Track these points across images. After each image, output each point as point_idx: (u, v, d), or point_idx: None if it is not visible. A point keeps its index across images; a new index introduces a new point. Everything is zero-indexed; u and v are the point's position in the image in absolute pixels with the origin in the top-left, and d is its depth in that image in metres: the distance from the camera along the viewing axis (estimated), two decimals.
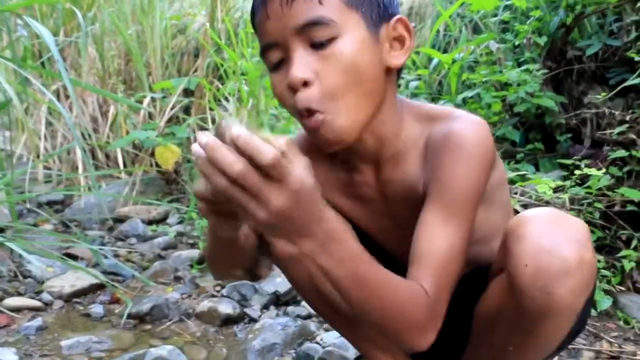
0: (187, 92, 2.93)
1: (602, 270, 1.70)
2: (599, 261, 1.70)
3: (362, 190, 0.90)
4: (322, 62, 0.75)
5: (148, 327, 1.55)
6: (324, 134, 0.77)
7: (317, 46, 0.75)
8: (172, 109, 2.81)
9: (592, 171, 1.74)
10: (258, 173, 0.57)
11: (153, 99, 2.83)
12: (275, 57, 0.78)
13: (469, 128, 0.79)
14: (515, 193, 1.87)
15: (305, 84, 0.75)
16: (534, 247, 0.71)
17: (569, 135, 2.15)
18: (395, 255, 0.94)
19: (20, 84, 1.84)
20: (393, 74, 0.84)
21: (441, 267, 0.75)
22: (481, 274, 0.86)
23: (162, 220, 2.52)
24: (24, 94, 1.75)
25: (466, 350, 0.92)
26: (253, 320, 1.54)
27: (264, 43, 0.79)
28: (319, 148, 0.81)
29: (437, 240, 0.76)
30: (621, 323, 1.60)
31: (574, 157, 1.91)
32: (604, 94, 2.02)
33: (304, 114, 0.76)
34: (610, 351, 1.46)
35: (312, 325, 1.49)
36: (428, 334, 0.73)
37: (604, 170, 1.79)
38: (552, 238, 0.70)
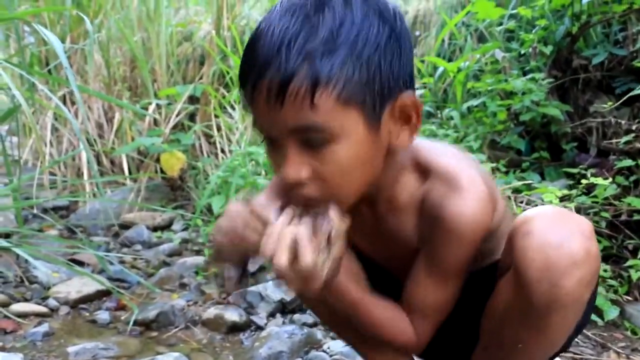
0: (193, 100, 2.94)
1: (609, 280, 1.69)
2: (605, 271, 1.70)
3: (361, 223, 0.89)
4: (317, 161, 0.72)
5: (154, 334, 1.55)
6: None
7: (313, 145, 0.71)
8: (177, 115, 2.82)
9: (599, 180, 1.73)
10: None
11: (158, 106, 2.84)
12: (267, 135, 0.75)
13: (469, 211, 0.79)
14: (521, 202, 1.87)
15: (303, 184, 0.73)
16: (540, 242, 0.72)
17: (575, 144, 2.15)
18: (388, 269, 0.98)
19: (28, 90, 1.85)
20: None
21: (431, 317, 0.86)
22: (487, 275, 0.87)
23: (167, 226, 2.52)
24: (32, 99, 1.75)
25: (475, 351, 0.92)
26: (259, 328, 1.54)
27: (254, 124, 0.75)
28: None
29: (430, 298, 0.85)
30: (628, 333, 1.59)
31: (580, 166, 1.91)
32: (610, 103, 2.03)
33: (301, 205, 0.76)
34: None
35: (319, 333, 1.49)
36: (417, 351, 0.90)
37: (610, 179, 1.79)
38: (558, 233, 0.72)
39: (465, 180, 0.80)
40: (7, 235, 1.98)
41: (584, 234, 0.72)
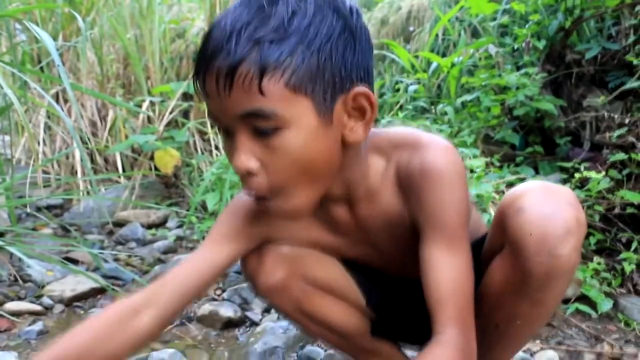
0: (187, 97, 2.93)
1: (603, 273, 1.70)
2: (599, 264, 1.71)
3: (340, 225, 0.90)
4: (267, 151, 0.71)
5: None
6: (274, 213, 0.78)
7: (262, 133, 0.70)
8: (171, 113, 2.81)
9: (592, 174, 1.74)
10: None
11: (152, 103, 2.83)
12: (221, 126, 0.75)
13: (441, 156, 0.79)
14: None
15: (250, 173, 0.73)
16: (535, 215, 0.76)
17: (569, 138, 2.15)
18: (377, 267, 0.97)
19: (20, 89, 1.84)
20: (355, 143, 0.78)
21: (460, 298, 0.77)
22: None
23: (161, 224, 2.51)
24: (24, 98, 1.74)
25: None
26: (254, 324, 1.54)
27: (208, 112, 0.75)
28: None
29: (449, 274, 0.77)
30: (622, 325, 1.60)
31: (574, 160, 1.92)
32: (603, 97, 2.03)
33: (252, 196, 0.75)
34: (612, 353, 1.46)
35: None
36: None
37: (603, 173, 1.80)
38: (550, 205, 0.76)
39: (424, 138, 0.81)
40: (0, 234, 1.97)
41: (572, 203, 0.77)
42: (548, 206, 0.76)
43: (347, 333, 1.01)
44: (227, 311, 1.55)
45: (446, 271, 0.77)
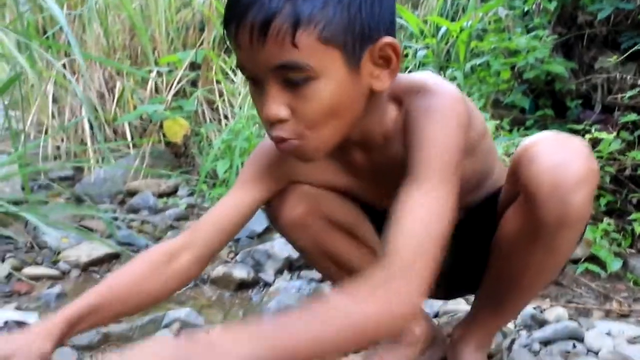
0: (193, 66, 2.92)
1: (613, 234, 1.71)
2: (609, 224, 1.72)
3: (358, 170, 0.93)
4: (297, 100, 0.73)
5: None
6: (297, 155, 0.79)
7: (293, 84, 0.72)
8: (178, 82, 2.81)
9: (603, 135, 1.74)
10: None
11: (159, 74, 2.83)
12: (250, 75, 0.76)
13: (443, 99, 0.80)
14: None
15: (280, 120, 0.75)
16: (548, 163, 0.77)
17: (579, 101, 2.14)
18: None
19: (29, 58, 1.84)
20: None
21: (413, 240, 0.69)
22: (485, 209, 0.89)
23: (172, 193, 2.53)
24: (33, 67, 1.75)
25: (483, 284, 0.95)
26: (267, 285, 1.56)
27: (237, 63, 0.77)
28: None
29: (410, 213, 0.72)
30: (631, 284, 1.61)
31: (585, 123, 1.91)
32: (615, 57, 2.01)
33: (278, 141, 0.77)
34: (620, 310, 1.48)
35: (326, 287, 1.51)
36: (411, 306, 0.68)
37: (614, 134, 1.79)
38: (563, 153, 0.78)
39: (433, 83, 0.81)
40: (15, 204, 2.00)
41: (585, 153, 0.78)
42: (561, 154, 0.78)
43: (355, 270, 1.02)
44: (241, 272, 1.57)
45: (411, 206, 0.72)
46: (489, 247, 0.91)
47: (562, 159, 0.77)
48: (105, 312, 0.84)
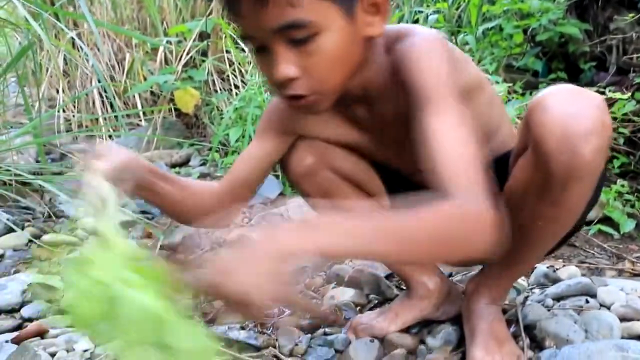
0: (202, 37, 2.91)
1: (626, 195, 1.71)
2: (622, 186, 1.71)
3: (360, 124, 0.96)
4: (305, 57, 0.77)
5: (181, 257, 1.60)
6: (310, 110, 0.84)
7: (298, 42, 0.75)
8: (188, 53, 2.80)
9: (617, 95, 1.72)
10: None
11: (169, 43, 2.82)
12: (255, 44, 0.79)
13: (419, 38, 0.83)
14: None
15: (292, 79, 0.78)
16: (559, 113, 0.77)
17: (593, 63, 2.11)
18: (403, 172, 1.01)
19: (42, 26, 1.85)
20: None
21: (459, 163, 0.70)
22: (498, 167, 0.90)
23: (184, 163, 2.55)
24: (46, 35, 1.75)
25: None
26: None
27: (241, 34, 0.80)
28: None
29: (441, 139, 0.73)
30: None
31: (598, 85, 1.89)
32: (632, 15, 1.98)
33: (291, 99, 0.81)
34: (633, 269, 1.49)
35: None
36: (488, 232, 0.68)
37: (629, 95, 1.78)
38: (575, 105, 0.77)
39: (411, 29, 0.85)
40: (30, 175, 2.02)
41: (598, 106, 0.77)
42: (573, 106, 0.77)
43: None
44: (256, 235, 1.59)
45: (439, 139, 0.73)
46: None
47: (574, 109, 0.77)
48: (159, 194, 0.94)
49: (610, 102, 1.78)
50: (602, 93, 1.79)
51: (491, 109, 0.96)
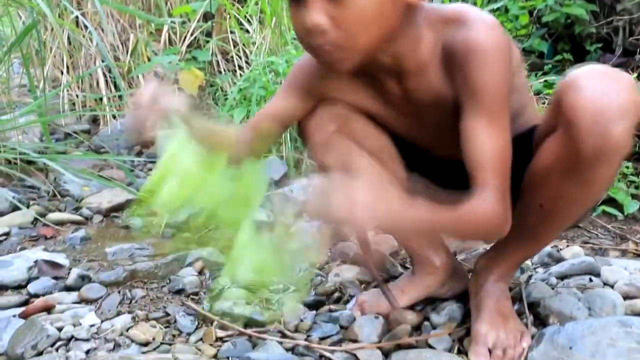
0: (207, 17, 2.90)
1: (630, 177, 1.71)
2: (627, 167, 1.71)
3: (390, 97, 0.94)
4: (338, 8, 0.76)
5: (186, 235, 1.61)
6: (332, 65, 0.83)
7: None
8: (192, 34, 2.79)
9: None
10: None
11: (173, 23, 2.80)
12: None
13: (484, 34, 0.82)
14: (544, 103, 1.86)
15: (321, 30, 0.77)
16: (592, 93, 0.77)
17: (600, 45, 2.10)
18: (423, 147, 1.01)
19: (47, 3, 1.83)
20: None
21: (498, 167, 0.82)
22: (521, 143, 0.89)
23: None
24: (51, 12, 1.74)
25: (514, 213, 0.96)
26: (286, 227, 1.59)
27: None
28: None
29: (487, 144, 0.82)
30: None
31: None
32: None
33: (317, 50, 0.81)
34: (636, 250, 1.49)
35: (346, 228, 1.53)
36: (504, 227, 0.85)
37: (635, 76, 1.77)
38: (608, 85, 0.77)
39: (471, 14, 0.84)
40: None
41: (630, 86, 0.78)
42: (606, 86, 0.77)
43: None
44: (260, 215, 1.60)
45: (486, 142, 0.82)
46: (521, 182, 0.92)
47: (607, 89, 0.77)
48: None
49: None
50: None
51: (523, 89, 0.97)
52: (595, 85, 0.77)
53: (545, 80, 1.91)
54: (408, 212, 0.76)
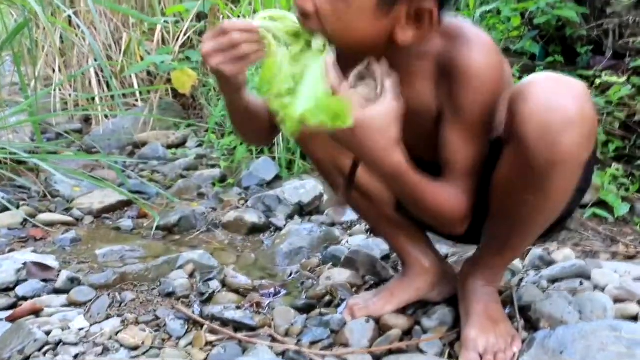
0: (200, 17, 2.89)
1: (621, 179, 1.72)
2: (617, 170, 1.72)
3: None
4: (325, 2, 0.77)
5: (177, 237, 1.61)
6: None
7: None
8: (185, 34, 2.78)
9: (613, 79, 1.72)
10: None
11: (166, 23, 2.79)
12: None
13: (479, 55, 0.83)
14: None
15: (305, 14, 0.78)
16: (537, 104, 0.77)
17: (590, 47, 2.11)
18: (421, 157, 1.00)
19: (39, 2, 1.82)
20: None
21: (468, 172, 0.88)
22: (494, 149, 0.90)
23: (181, 144, 2.54)
24: (43, 11, 1.73)
25: (486, 223, 0.97)
26: (278, 229, 1.59)
27: None
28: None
29: (462, 152, 0.87)
30: (637, 228, 1.62)
31: (595, 69, 1.89)
32: None
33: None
34: (627, 252, 1.50)
35: (337, 231, 1.54)
36: (462, 221, 0.91)
37: (624, 79, 1.78)
38: (554, 95, 0.77)
39: (469, 32, 0.85)
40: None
41: (578, 95, 0.77)
42: (552, 96, 0.77)
43: (373, 197, 1.05)
44: (252, 217, 1.60)
45: (461, 150, 0.86)
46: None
47: (553, 100, 0.76)
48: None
49: (606, 86, 1.78)
50: (599, 77, 1.80)
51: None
52: (542, 95, 0.77)
53: None
54: (397, 155, 0.80)
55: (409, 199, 0.89)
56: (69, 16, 2.83)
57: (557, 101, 0.76)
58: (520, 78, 2.03)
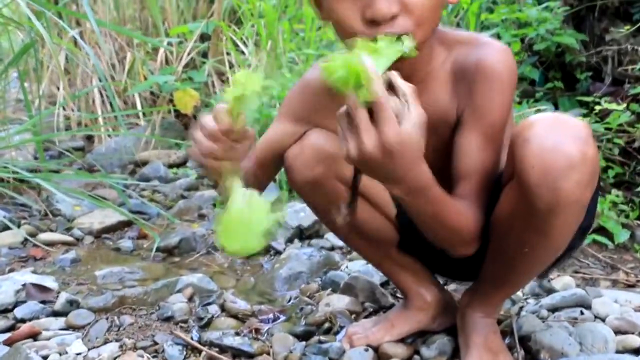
0: (203, 38, 2.92)
1: (621, 205, 1.72)
2: (617, 196, 1.72)
3: None
4: None
5: (177, 259, 1.60)
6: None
7: None
8: (189, 54, 2.80)
9: (613, 105, 1.74)
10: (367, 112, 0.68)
11: (169, 44, 2.82)
12: None
13: (498, 56, 0.84)
14: None
15: (392, 17, 0.77)
16: (538, 147, 0.77)
17: (590, 73, 2.13)
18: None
19: (45, 24, 1.84)
20: None
21: (482, 183, 0.86)
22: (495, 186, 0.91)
23: (182, 164, 2.55)
24: (49, 33, 1.75)
25: (485, 261, 0.96)
26: (278, 253, 1.59)
27: None
28: None
29: (478, 159, 0.86)
30: (638, 255, 1.62)
31: (594, 95, 1.91)
32: (627, 27, 2.00)
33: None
34: (627, 280, 1.49)
35: (337, 256, 1.54)
36: (474, 241, 0.87)
37: (624, 106, 1.79)
38: (555, 137, 0.76)
39: (484, 38, 0.88)
40: (28, 172, 2.02)
41: (580, 137, 0.76)
42: (553, 139, 0.76)
43: (376, 238, 1.05)
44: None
45: (477, 156, 0.85)
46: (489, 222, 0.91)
47: (554, 143, 0.76)
48: None
49: (606, 113, 1.80)
50: (598, 103, 1.81)
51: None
52: (544, 137, 0.77)
53: (537, 108, 1.93)
54: (425, 167, 0.75)
55: (428, 214, 0.81)
56: (74, 36, 2.89)
57: (558, 144, 0.76)
58: (520, 103, 2.07)
